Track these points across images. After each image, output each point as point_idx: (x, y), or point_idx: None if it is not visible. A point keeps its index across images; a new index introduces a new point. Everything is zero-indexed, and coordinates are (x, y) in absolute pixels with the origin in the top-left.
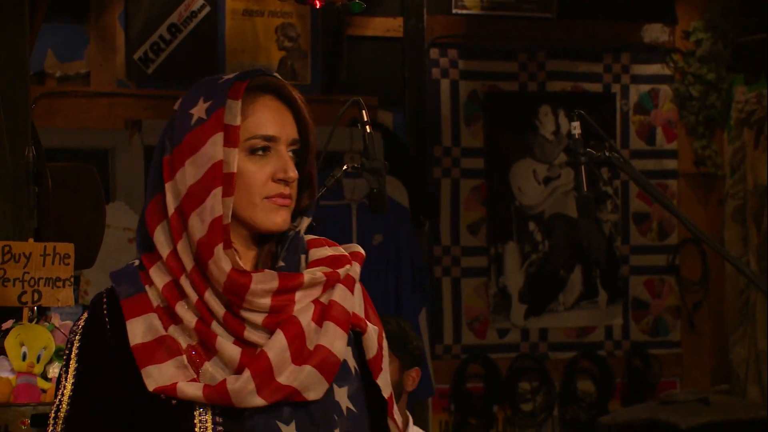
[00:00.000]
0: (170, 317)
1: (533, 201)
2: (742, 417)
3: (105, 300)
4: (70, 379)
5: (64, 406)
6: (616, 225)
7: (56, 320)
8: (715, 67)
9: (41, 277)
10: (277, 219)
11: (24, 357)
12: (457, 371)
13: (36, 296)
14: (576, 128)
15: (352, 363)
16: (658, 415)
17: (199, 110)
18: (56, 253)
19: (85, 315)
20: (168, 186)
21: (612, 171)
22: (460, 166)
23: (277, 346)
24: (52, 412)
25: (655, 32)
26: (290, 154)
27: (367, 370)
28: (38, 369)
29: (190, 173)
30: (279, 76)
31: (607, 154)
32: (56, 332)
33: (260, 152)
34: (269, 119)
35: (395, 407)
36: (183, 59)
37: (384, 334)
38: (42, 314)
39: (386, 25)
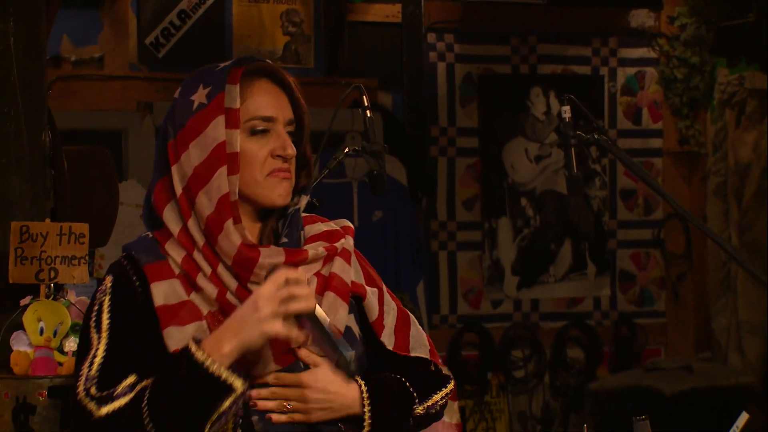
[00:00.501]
0: (191, 286)
1: (525, 178)
2: (723, 383)
3: (126, 264)
4: (105, 332)
5: (99, 353)
6: (603, 201)
7: (72, 296)
8: (699, 51)
9: (57, 256)
10: (281, 192)
11: (41, 332)
12: (453, 340)
13: (53, 274)
14: (566, 112)
15: (356, 329)
16: (644, 381)
17: (199, 96)
18: (72, 232)
19: (110, 278)
20: (174, 169)
21: (600, 150)
22: (455, 145)
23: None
24: (86, 361)
25: (641, 17)
26: (287, 133)
27: (372, 331)
28: (55, 343)
29: (194, 155)
30: (271, 62)
31: (595, 136)
32: (72, 308)
33: (260, 132)
34: (267, 101)
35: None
36: (192, 44)
37: (388, 290)
38: (58, 291)
39: (385, 11)
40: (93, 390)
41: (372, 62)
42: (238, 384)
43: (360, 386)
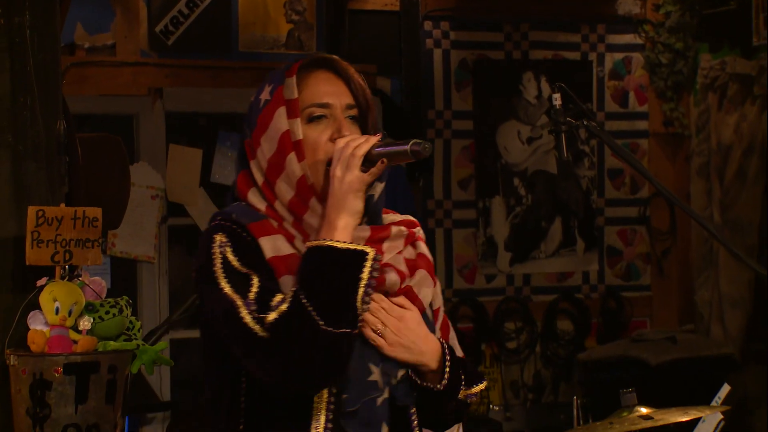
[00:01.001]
0: (292, 245)
1: (517, 159)
2: (706, 354)
3: (229, 224)
4: (246, 270)
5: (254, 284)
6: (592, 180)
7: (86, 277)
8: (683, 37)
9: (72, 239)
10: None
11: (57, 311)
12: (448, 313)
13: (67, 256)
14: (557, 99)
15: (429, 312)
16: (630, 352)
17: (265, 94)
18: (86, 216)
19: (222, 234)
20: (252, 164)
21: (589, 132)
22: (451, 127)
23: (391, 280)
24: (237, 297)
25: (628, 5)
26: (348, 119)
27: (434, 317)
28: (70, 322)
29: (266, 148)
30: (330, 55)
31: (584, 122)
32: (86, 288)
33: (317, 119)
34: (322, 89)
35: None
36: (200, 31)
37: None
38: (73, 272)
39: (384, 0)
40: (255, 313)
41: (371, 49)
42: (367, 249)
43: (442, 345)
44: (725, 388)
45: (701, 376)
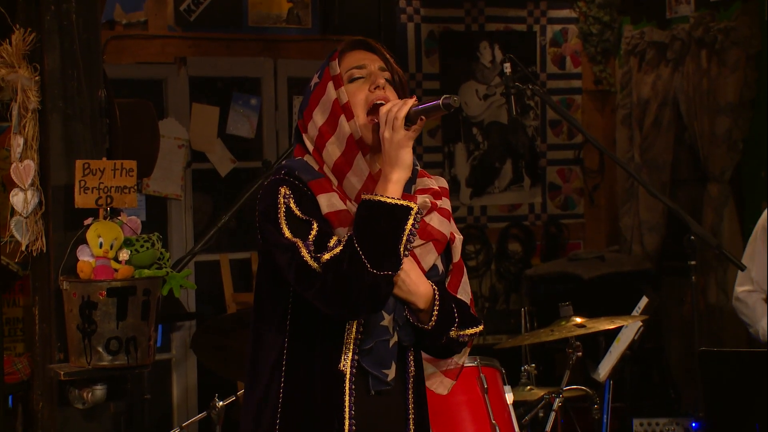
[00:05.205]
0: (344, 203)
1: (476, 112)
2: (628, 269)
3: (292, 180)
4: (306, 218)
5: (314, 230)
6: (536, 129)
7: (124, 217)
8: (609, 11)
9: (112, 186)
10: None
11: (101, 245)
12: None
13: (109, 200)
14: (507, 68)
15: (440, 266)
16: (567, 268)
17: (315, 79)
18: (123, 168)
19: (286, 188)
20: (304, 137)
21: (533, 93)
22: (422, 87)
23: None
24: (297, 241)
25: None
26: (383, 80)
27: (448, 269)
28: (111, 254)
29: (318, 119)
30: (365, 38)
31: (530, 86)
32: (124, 227)
33: (357, 79)
34: (358, 57)
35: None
36: (216, 9)
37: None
38: (113, 213)
39: None
40: (313, 252)
41: (356, 22)
42: (411, 204)
43: (434, 290)
44: (644, 300)
45: (625, 287)
